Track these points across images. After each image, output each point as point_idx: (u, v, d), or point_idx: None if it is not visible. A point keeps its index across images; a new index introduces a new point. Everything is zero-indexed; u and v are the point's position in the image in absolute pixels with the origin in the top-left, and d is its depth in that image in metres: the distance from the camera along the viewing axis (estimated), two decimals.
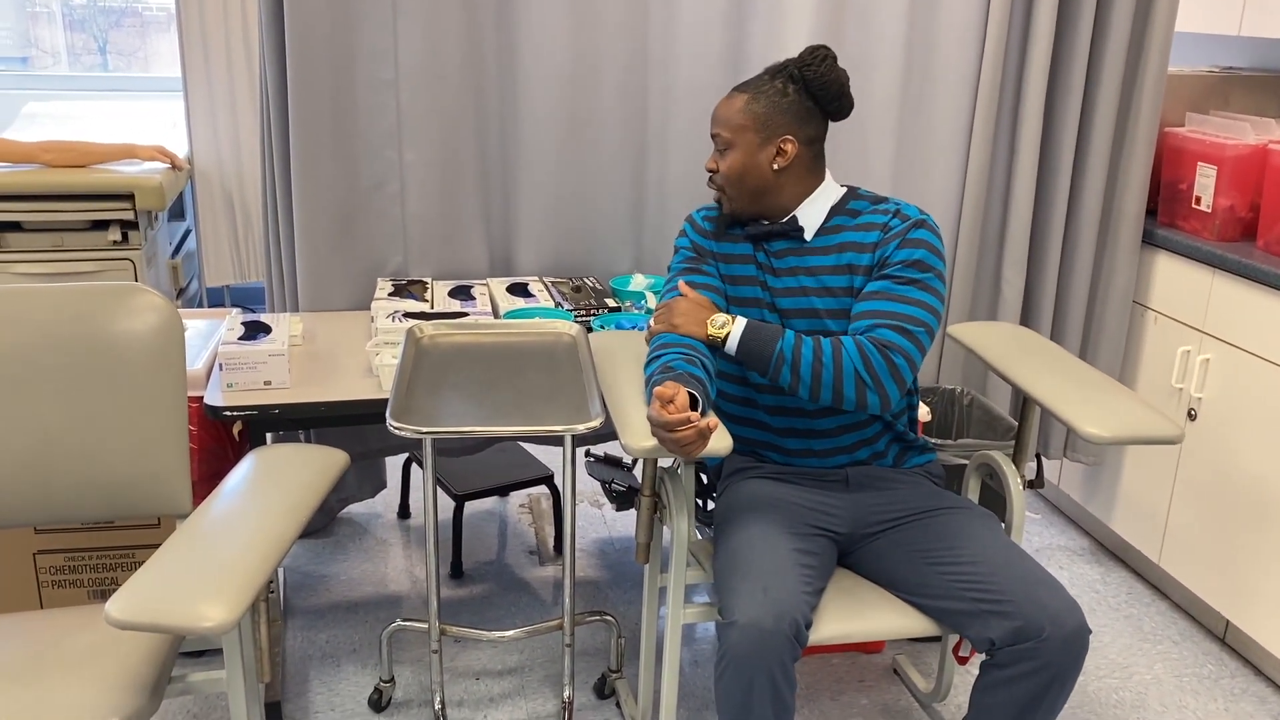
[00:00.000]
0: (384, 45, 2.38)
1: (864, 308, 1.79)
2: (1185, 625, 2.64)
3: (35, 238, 3.03)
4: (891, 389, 1.73)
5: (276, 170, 2.43)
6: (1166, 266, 2.65)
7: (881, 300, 1.77)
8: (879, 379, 1.72)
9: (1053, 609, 1.61)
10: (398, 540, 2.91)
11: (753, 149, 1.82)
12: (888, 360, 1.72)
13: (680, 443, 1.58)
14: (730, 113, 1.84)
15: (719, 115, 1.85)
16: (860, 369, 1.72)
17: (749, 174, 1.84)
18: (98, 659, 1.55)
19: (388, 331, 2.14)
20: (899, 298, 1.76)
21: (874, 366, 1.72)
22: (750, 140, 1.82)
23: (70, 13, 4.51)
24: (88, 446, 1.69)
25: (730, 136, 1.83)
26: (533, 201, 2.56)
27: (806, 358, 1.74)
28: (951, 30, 2.54)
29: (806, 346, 1.74)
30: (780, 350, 1.75)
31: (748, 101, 1.82)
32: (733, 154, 1.83)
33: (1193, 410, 2.55)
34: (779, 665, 1.58)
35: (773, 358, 1.75)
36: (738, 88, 1.86)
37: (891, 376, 1.73)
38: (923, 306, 1.76)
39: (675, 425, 1.57)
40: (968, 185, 2.63)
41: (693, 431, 1.57)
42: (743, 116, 1.82)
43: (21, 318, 1.67)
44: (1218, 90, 2.80)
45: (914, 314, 1.75)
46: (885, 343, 1.73)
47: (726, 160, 1.84)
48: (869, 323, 1.76)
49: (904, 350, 1.73)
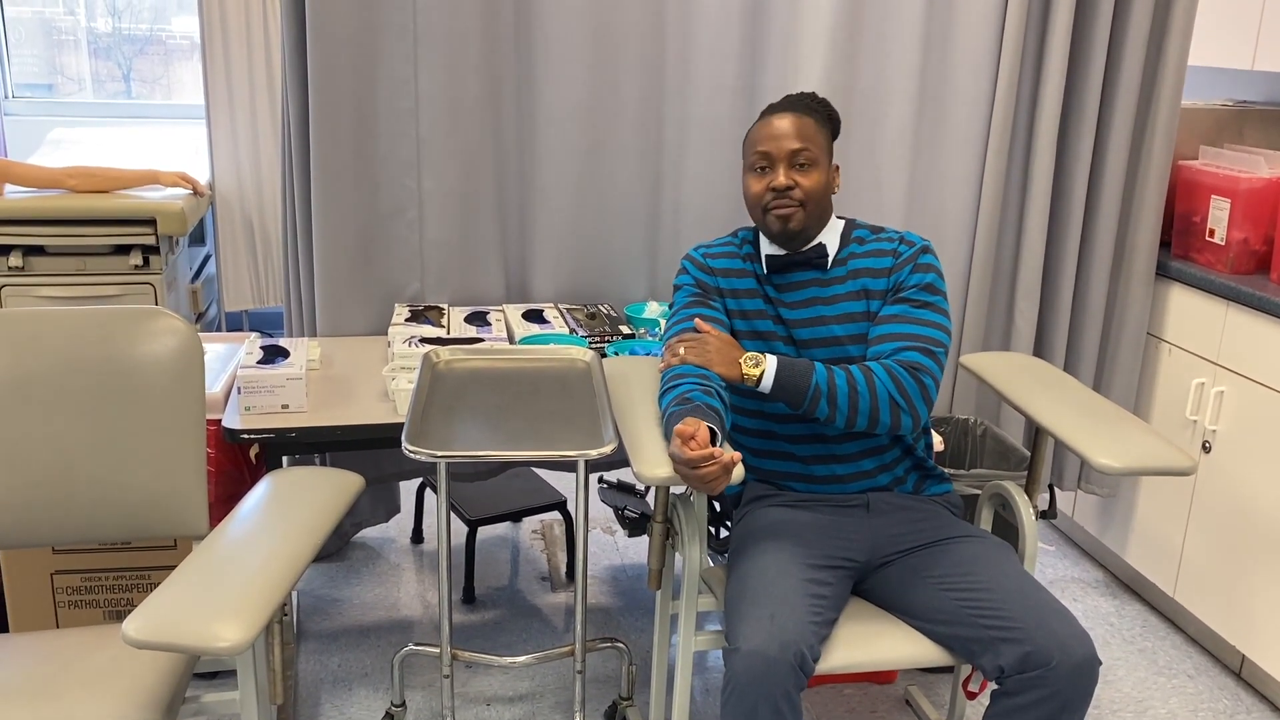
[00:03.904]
0: (404, 74, 2.41)
1: (884, 331, 1.84)
2: (1200, 659, 2.62)
3: (59, 261, 3.08)
4: (922, 409, 1.79)
5: (297, 196, 2.46)
6: (1180, 299, 2.65)
7: (902, 324, 1.82)
8: (911, 400, 1.77)
9: (1062, 637, 1.61)
10: (410, 565, 2.92)
11: (826, 170, 1.87)
12: (918, 381, 1.78)
13: (704, 479, 1.59)
14: (809, 130, 1.85)
15: (799, 131, 1.84)
16: (894, 393, 1.77)
17: (823, 194, 1.87)
18: (113, 678, 1.56)
19: (404, 356, 2.16)
20: (918, 320, 1.83)
21: (906, 389, 1.77)
22: (825, 161, 1.87)
23: (95, 41, 4.59)
24: (107, 467, 1.71)
25: (815, 154, 1.85)
26: (549, 229, 2.59)
27: (841, 388, 1.77)
28: (965, 62, 2.56)
29: (839, 377, 1.78)
30: (815, 384, 1.78)
31: (816, 124, 1.86)
32: (815, 171, 1.85)
33: (1207, 442, 2.54)
34: (783, 694, 1.58)
35: (808, 392, 1.78)
36: (795, 110, 1.86)
37: (922, 397, 1.78)
38: (939, 328, 1.83)
39: (699, 462, 1.58)
40: (981, 216, 2.64)
41: (717, 468, 1.59)
42: (820, 137, 1.86)
43: (44, 340, 1.70)
44: (1231, 124, 2.81)
45: (934, 335, 1.82)
46: (913, 364, 1.78)
47: (810, 177, 1.84)
48: (894, 345, 1.81)
49: (930, 370, 1.79)
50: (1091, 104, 2.61)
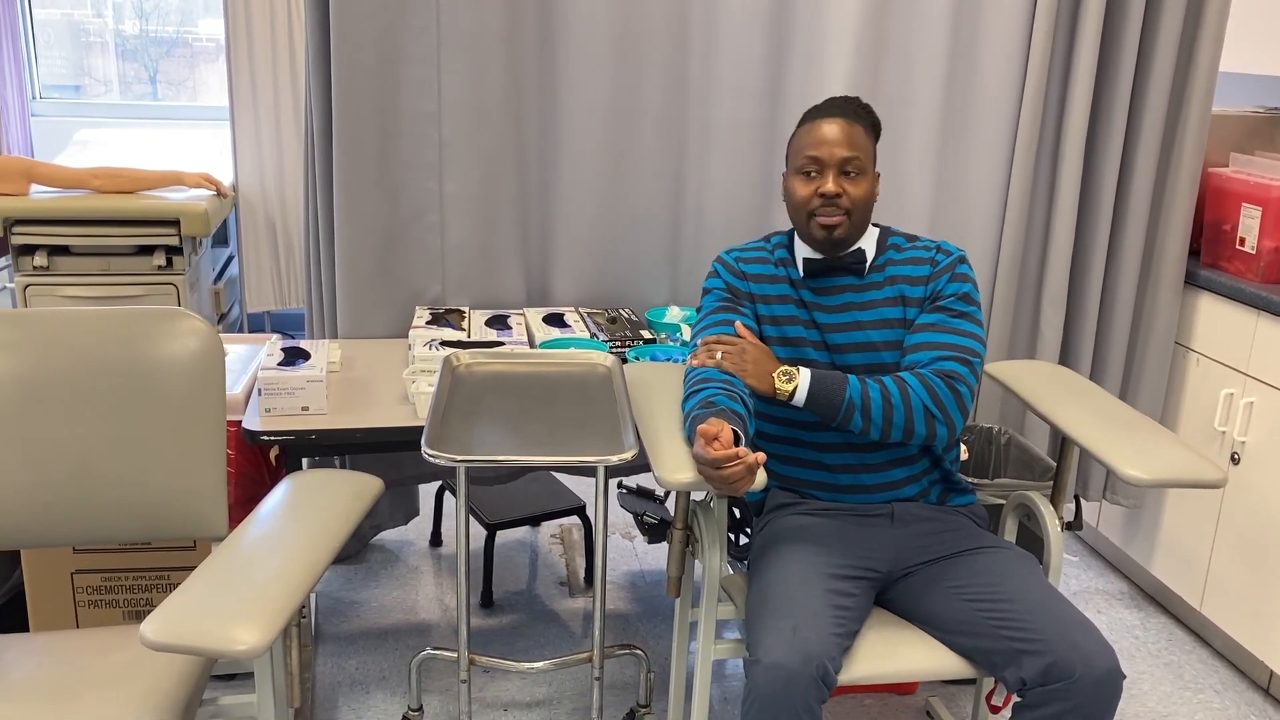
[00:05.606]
0: (427, 78, 2.41)
1: (921, 339, 1.83)
2: (1227, 674, 2.58)
3: (83, 261, 3.10)
4: (958, 418, 1.78)
5: (319, 199, 2.46)
6: (1209, 308, 2.61)
7: (939, 333, 1.82)
8: (947, 410, 1.76)
9: (1085, 650, 1.59)
10: (429, 568, 2.92)
11: (872, 178, 1.85)
12: (953, 390, 1.77)
13: (729, 479, 1.57)
14: (860, 138, 1.83)
15: (851, 139, 1.82)
16: (929, 403, 1.76)
17: (869, 203, 1.85)
18: (131, 679, 1.56)
19: (424, 359, 2.16)
20: (955, 330, 1.82)
21: (941, 399, 1.76)
22: (871, 170, 1.85)
23: (123, 43, 4.62)
24: (128, 467, 1.71)
25: (864, 163, 1.83)
26: (570, 233, 2.58)
27: (876, 400, 1.76)
28: (992, 68, 2.54)
29: (873, 389, 1.76)
30: (850, 398, 1.76)
31: (865, 131, 1.84)
32: (863, 180, 1.83)
33: (1236, 454, 2.50)
34: (804, 707, 1.56)
35: (842, 405, 1.76)
36: (845, 115, 1.83)
37: (957, 406, 1.77)
38: (975, 338, 1.83)
39: (723, 462, 1.56)
40: (1007, 222, 2.61)
41: (741, 467, 1.57)
42: (868, 145, 1.84)
43: (67, 340, 1.70)
44: (1262, 131, 2.78)
45: (970, 345, 1.81)
46: (949, 373, 1.77)
47: (859, 186, 1.83)
48: (931, 354, 1.80)
49: (965, 379, 1.78)
50: (1121, 110, 2.58)
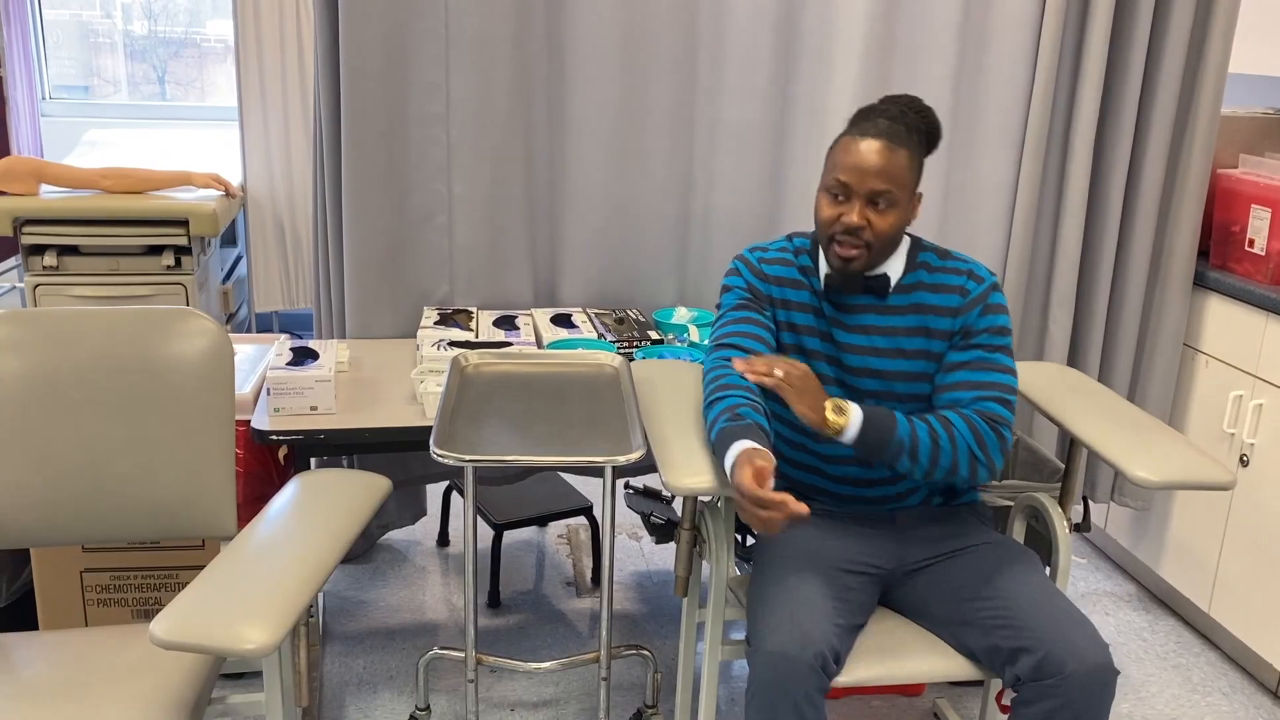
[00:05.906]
0: (435, 79, 2.41)
1: (959, 379, 1.77)
2: (1236, 677, 2.58)
3: (92, 261, 3.11)
4: (999, 460, 1.75)
5: (328, 199, 2.47)
6: (1218, 309, 2.61)
7: (980, 371, 1.77)
8: (990, 454, 1.73)
9: (1077, 644, 1.58)
10: (436, 568, 2.92)
11: (906, 207, 1.74)
12: (998, 434, 1.73)
13: (765, 523, 1.52)
14: (897, 169, 1.70)
15: (886, 169, 1.69)
16: (975, 448, 1.72)
17: (897, 233, 1.75)
18: (139, 678, 1.56)
19: (433, 359, 2.16)
20: (995, 366, 1.77)
21: (986, 443, 1.72)
22: (906, 199, 1.74)
23: (132, 43, 4.63)
24: (137, 466, 1.71)
25: (898, 194, 1.71)
26: (578, 234, 2.58)
27: (924, 442, 1.70)
28: (1000, 68, 2.53)
29: (922, 430, 1.71)
30: (899, 439, 1.70)
31: (908, 158, 1.71)
32: (893, 213, 1.72)
33: (1245, 456, 2.50)
34: (804, 695, 1.56)
35: (890, 446, 1.70)
36: (890, 139, 1.71)
37: (999, 450, 1.74)
38: (1011, 372, 1.79)
39: (769, 504, 1.51)
40: (1015, 223, 2.61)
41: (782, 516, 1.51)
42: (907, 174, 1.72)
43: (76, 339, 1.71)
44: (1272, 132, 2.77)
45: (1008, 382, 1.77)
46: (993, 416, 1.73)
47: (886, 219, 1.72)
48: (973, 394, 1.75)
49: (1008, 422, 1.75)
50: (1129, 111, 2.57)
